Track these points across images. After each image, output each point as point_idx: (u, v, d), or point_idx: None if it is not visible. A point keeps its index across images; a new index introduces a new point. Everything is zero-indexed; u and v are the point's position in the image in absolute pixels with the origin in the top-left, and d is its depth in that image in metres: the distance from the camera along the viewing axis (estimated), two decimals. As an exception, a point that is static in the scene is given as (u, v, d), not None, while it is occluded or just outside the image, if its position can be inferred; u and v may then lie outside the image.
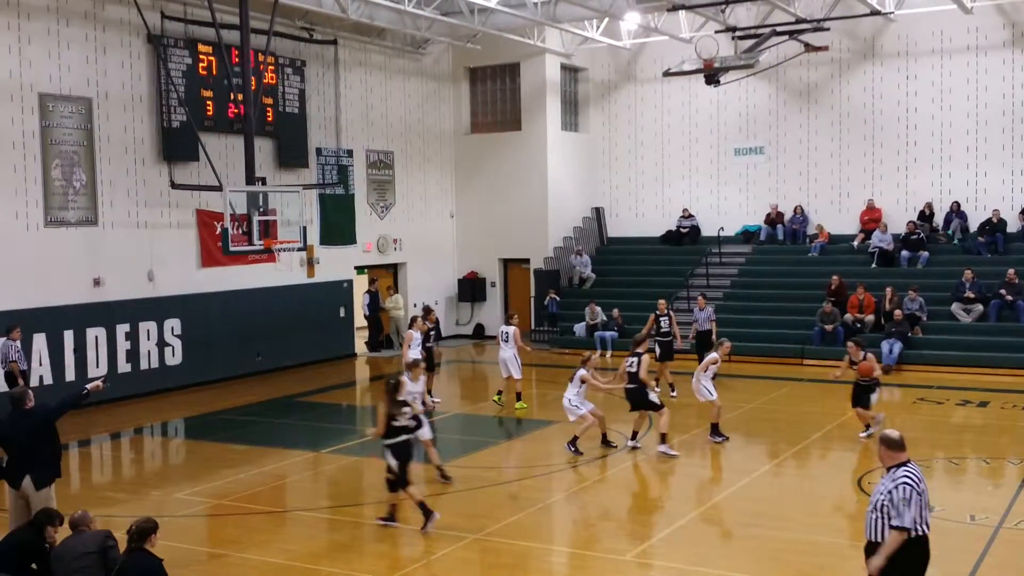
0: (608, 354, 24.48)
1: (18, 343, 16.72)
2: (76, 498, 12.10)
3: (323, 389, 20.85)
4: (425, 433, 12.75)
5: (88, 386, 10.14)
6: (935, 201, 25.21)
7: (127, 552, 7.67)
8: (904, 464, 7.13)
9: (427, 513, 11.05)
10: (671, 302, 25.13)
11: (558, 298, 26.66)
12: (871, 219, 25.57)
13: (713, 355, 15.51)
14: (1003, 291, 22.05)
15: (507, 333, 18.32)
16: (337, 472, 14.55)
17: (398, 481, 11.16)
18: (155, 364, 20.17)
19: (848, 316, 22.74)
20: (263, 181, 19.64)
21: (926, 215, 25.12)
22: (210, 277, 21.47)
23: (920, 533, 7.03)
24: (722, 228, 27.30)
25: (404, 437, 11.19)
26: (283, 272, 22.96)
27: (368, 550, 10.97)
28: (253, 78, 19.55)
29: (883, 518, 7.02)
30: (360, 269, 26.03)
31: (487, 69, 28.47)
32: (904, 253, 24.50)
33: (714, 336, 20.66)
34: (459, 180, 28.76)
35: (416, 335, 17.95)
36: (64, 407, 10.12)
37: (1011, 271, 22.21)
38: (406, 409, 11.30)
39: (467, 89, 28.76)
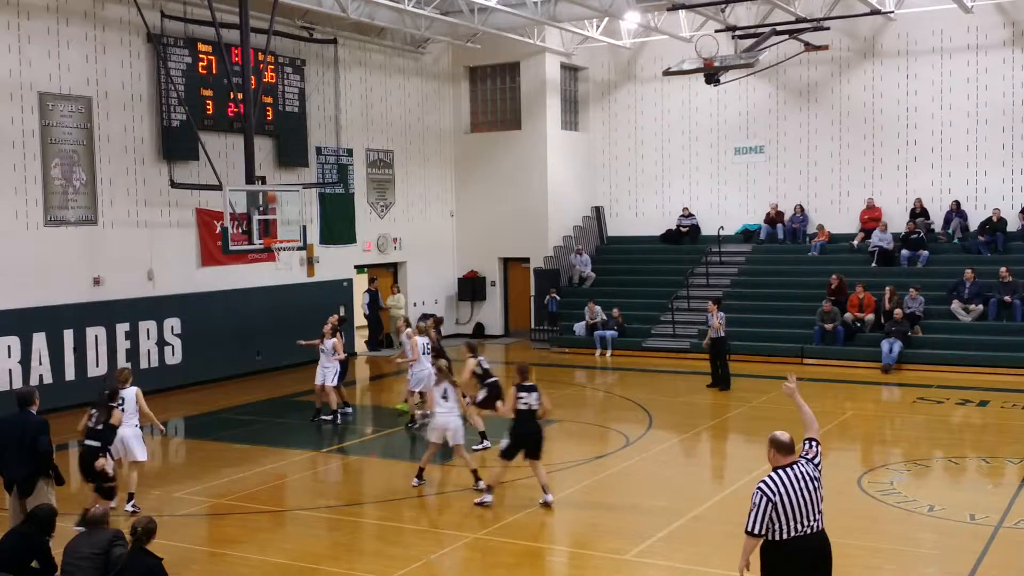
0: (608, 353, 24.50)
1: None
2: (76, 498, 12.09)
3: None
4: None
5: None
6: (935, 200, 25.19)
7: (130, 551, 7.66)
8: (780, 467, 7.05)
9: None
10: (671, 301, 25.22)
11: (558, 297, 26.65)
12: (871, 218, 25.56)
13: None
14: (1007, 297, 21.98)
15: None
16: (337, 472, 14.55)
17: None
18: (155, 363, 20.15)
19: (848, 315, 22.74)
20: (263, 180, 19.64)
21: (916, 212, 25.05)
22: (210, 276, 21.46)
23: (783, 537, 6.96)
24: (722, 227, 27.30)
25: None
26: (283, 271, 22.99)
27: (368, 550, 10.98)
28: (253, 77, 19.53)
29: None
30: (360, 268, 26.03)
31: (487, 68, 28.46)
32: (904, 252, 24.50)
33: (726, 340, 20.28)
34: (459, 179, 28.76)
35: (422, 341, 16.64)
36: (48, 448, 10.19)
37: (1003, 269, 22.20)
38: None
39: (467, 88, 28.76)
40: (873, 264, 24.66)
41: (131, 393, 12.18)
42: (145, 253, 20.18)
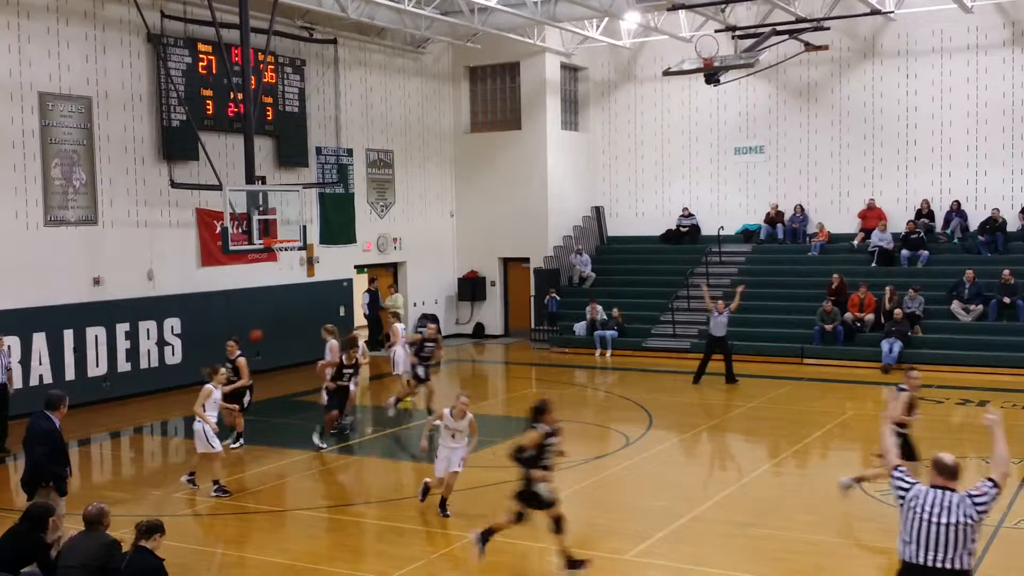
0: (608, 353, 24.49)
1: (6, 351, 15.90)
2: (76, 497, 12.07)
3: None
4: None
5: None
6: (935, 200, 25.19)
7: (132, 549, 7.63)
8: (934, 486, 6.75)
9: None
10: (671, 301, 25.22)
11: (558, 297, 26.66)
12: (871, 218, 25.56)
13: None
14: (1006, 298, 22.03)
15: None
16: (337, 472, 14.54)
17: None
18: (155, 363, 20.15)
19: (848, 315, 22.74)
20: (263, 180, 19.65)
21: (922, 213, 25.07)
22: (210, 276, 21.46)
23: (926, 564, 6.61)
24: (722, 227, 27.30)
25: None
26: (283, 271, 22.99)
27: (368, 550, 10.98)
28: (253, 77, 19.53)
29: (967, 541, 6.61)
30: (360, 268, 26.03)
31: (487, 68, 28.46)
32: (904, 252, 24.50)
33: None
34: (459, 179, 28.76)
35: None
36: (38, 458, 10.14)
37: (1006, 272, 22.21)
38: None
39: (467, 88, 28.76)
40: (873, 264, 24.66)
41: (219, 394, 13.46)
42: (145, 253, 20.18)
